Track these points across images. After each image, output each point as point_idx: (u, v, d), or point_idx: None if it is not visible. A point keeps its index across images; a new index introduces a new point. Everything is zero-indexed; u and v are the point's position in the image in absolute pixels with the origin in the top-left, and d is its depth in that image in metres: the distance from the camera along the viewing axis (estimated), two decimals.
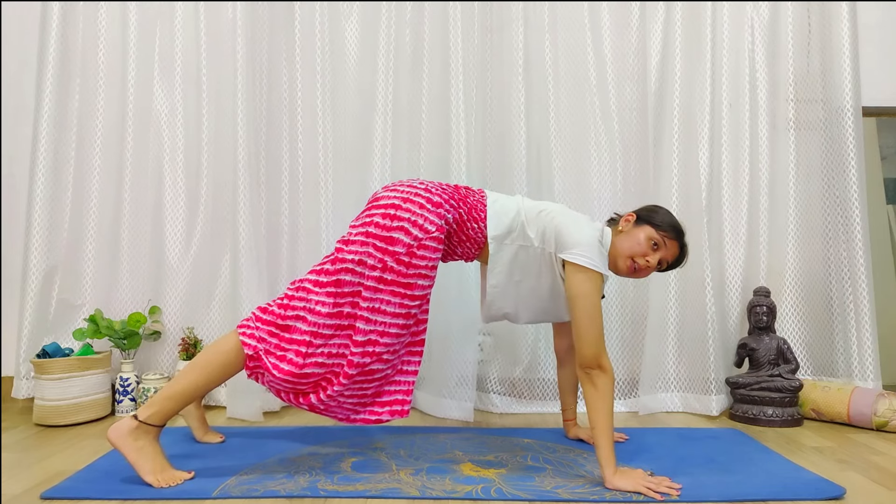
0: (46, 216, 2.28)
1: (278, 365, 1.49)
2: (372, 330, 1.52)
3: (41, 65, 2.30)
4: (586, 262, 1.54)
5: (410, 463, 1.65)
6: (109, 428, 1.48)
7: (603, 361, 1.51)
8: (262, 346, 1.50)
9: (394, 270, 1.51)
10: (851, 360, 2.26)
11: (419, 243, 1.54)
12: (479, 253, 1.72)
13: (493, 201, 1.70)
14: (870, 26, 2.43)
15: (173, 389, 1.50)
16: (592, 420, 1.50)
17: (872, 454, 1.79)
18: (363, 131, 2.36)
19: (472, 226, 1.66)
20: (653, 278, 2.29)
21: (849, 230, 2.29)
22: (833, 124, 2.34)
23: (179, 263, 2.36)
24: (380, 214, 1.54)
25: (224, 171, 2.33)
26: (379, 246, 1.51)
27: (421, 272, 1.54)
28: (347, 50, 2.40)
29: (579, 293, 1.54)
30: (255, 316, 1.55)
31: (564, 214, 1.64)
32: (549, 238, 1.61)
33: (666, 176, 2.29)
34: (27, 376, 2.24)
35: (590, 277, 1.54)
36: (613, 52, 2.42)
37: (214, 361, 1.51)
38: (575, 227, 1.60)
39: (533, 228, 1.63)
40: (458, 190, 1.70)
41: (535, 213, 1.65)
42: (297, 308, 1.52)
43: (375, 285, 1.51)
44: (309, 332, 1.50)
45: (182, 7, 2.40)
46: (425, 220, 1.55)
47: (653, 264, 1.66)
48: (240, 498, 1.41)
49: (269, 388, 1.56)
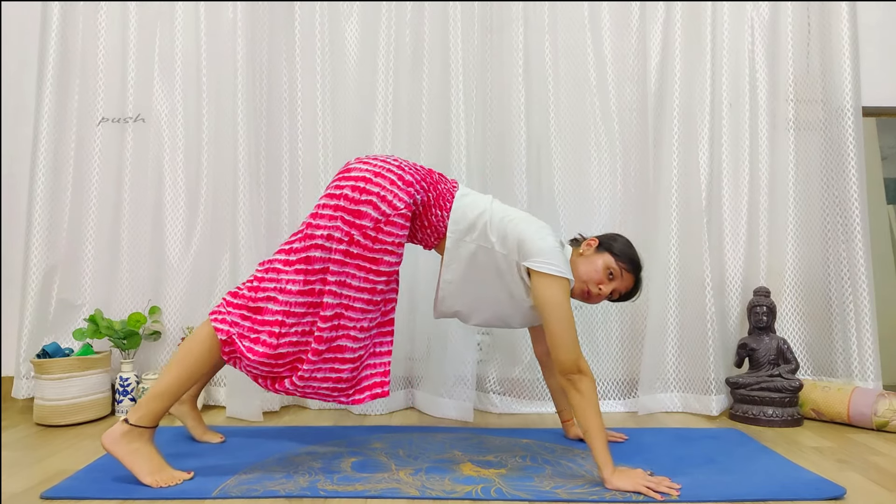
0: (46, 216, 2.28)
1: (252, 348, 1.49)
2: (339, 304, 1.52)
3: (41, 65, 2.30)
4: (552, 269, 1.54)
5: (410, 463, 1.65)
6: (102, 435, 1.48)
7: (582, 365, 1.51)
8: (234, 329, 1.50)
9: (360, 244, 1.51)
10: (851, 360, 2.26)
11: (387, 219, 1.53)
12: (438, 243, 1.71)
13: (463, 195, 1.69)
14: (870, 26, 2.43)
15: (158, 388, 1.50)
16: (583, 425, 1.50)
17: (872, 454, 1.79)
18: (363, 131, 2.36)
19: (436, 212, 1.65)
20: (653, 278, 2.29)
21: (849, 230, 2.29)
22: (833, 124, 2.34)
23: (179, 263, 2.36)
24: (349, 187, 1.54)
25: (224, 171, 2.33)
26: (346, 219, 1.51)
27: (387, 248, 1.54)
28: (347, 50, 2.40)
29: (548, 301, 1.54)
30: (225, 301, 1.55)
31: (527, 222, 1.63)
32: (512, 245, 1.60)
33: (666, 176, 2.29)
34: (27, 376, 2.24)
35: (557, 284, 1.54)
36: (613, 53, 2.42)
37: (192, 353, 1.52)
38: (538, 235, 1.59)
39: (495, 233, 1.62)
40: (431, 174, 1.69)
41: (499, 217, 1.63)
42: (267, 289, 1.52)
43: (342, 259, 1.51)
44: (281, 311, 1.50)
45: (182, 7, 2.40)
46: (395, 197, 1.55)
47: (605, 293, 1.68)
48: (239, 498, 1.41)
49: (247, 373, 1.55)
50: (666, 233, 2.28)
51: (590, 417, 1.49)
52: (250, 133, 2.26)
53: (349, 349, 1.55)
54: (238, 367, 1.55)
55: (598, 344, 2.37)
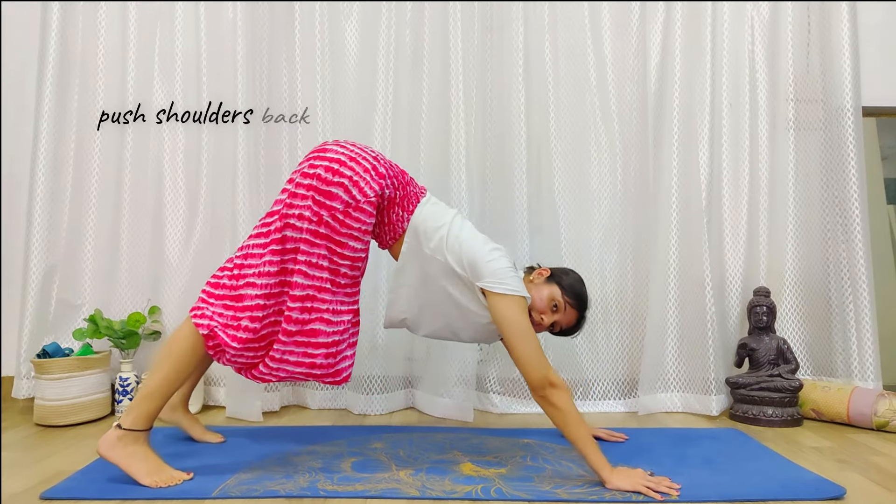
0: (46, 216, 2.28)
1: (235, 335, 1.49)
2: (310, 285, 1.52)
3: (41, 65, 2.30)
4: (505, 289, 1.55)
5: (410, 463, 1.65)
6: (98, 442, 1.49)
7: (552, 378, 1.50)
8: (214, 322, 1.50)
9: (329, 226, 1.52)
10: (851, 360, 2.26)
11: (356, 205, 1.54)
12: (393, 244, 1.70)
13: (428, 202, 1.69)
14: (870, 26, 2.43)
15: (146, 389, 1.50)
16: (569, 437, 1.49)
17: (872, 454, 1.79)
18: (363, 131, 2.36)
19: (398, 211, 1.65)
20: (653, 278, 2.29)
21: (849, 230, 2.29)
22: (833, 124, 2.33)
23: (179, 263, 2.36)
24: (323, 167, 1.54)
25: (224, 171, 2.34)
26: (317, 199, 1.52)
27: (353, 234, 1.55)
28: (347, 50, 2.40)
29: (505, 319, 1.54)
30: (206, 293, 1.55)
31: (482, 243, 1.62)
32: (465, 265, 1.59)
33: (666, 176, 2.29)
34: (27, 376, 2.24)
35: (513, 302, 1.55)
36: (613, 53, 2.41)
37: (175, 351, 1.52)
38: (490, 256, 1.59)
39: (450, 249, 1.61)
40: (403, 174, 1.70)
41: (455, 235, 1.62)
42: (246, 276, 1.53)
43: (311, 239, 1.52)
44: (261, 295, 1.50)
45: (182, 7, 2.40)
46: (366, 184, 1.55)
47: (546, 324, 1.69)
48: (239, 498, 1.41)
49: (231, 365, 1.55)
50: (666, 233, 2.28)
51: (573, 429, 1.48)
52: (250, 133, 2.26)
53: (323, 332, 1.55)
54: (222, 362, 1.55)
55: (598, 344, 2.37)
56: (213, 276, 1.59)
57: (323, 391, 2.32)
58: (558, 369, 2.32)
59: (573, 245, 2.38)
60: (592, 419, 2.18)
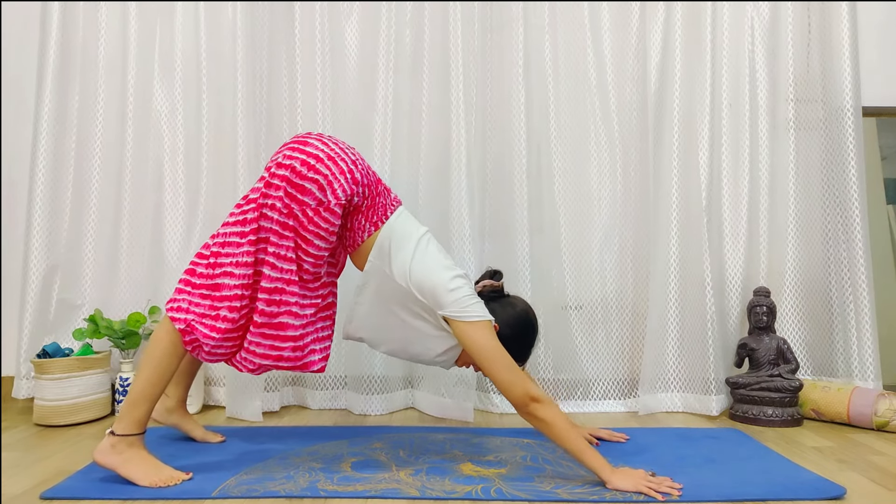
0: (46, 216, 2.28)
1: (214, 325, 1.49)
2: (279, 278, 1.52)
3: (41, 65, 2.30)
4: (469, 316, 1.53)
5: (410, 463, 1.65)
6: (94, 451, 1.48)
7: (533, 392, 1.47)
8: (191, 315, 1.50)
9: (298, 220, 1.52)
10: (851, 360, 2.26)
11: (326, 206, 1.53)
12: (352, 252, 1.68)
13: (398, 216, 1.66)
14: (870, 26, 2.43)
15: (133, 394, 1.49)
16: (563, 448, 1.48)
17: (872, 454, 1.79)
18: (363, 131, 2.36)
19: (360, 220, 1.63)
20: (653, 278, 2.29)
21: (849, 230, 2.29)
22: (833, 124, 2.34)
23: (179, 263, 2.36)
24: (300, 160, 1.52)
25: (224, 171, 2.34)
26: (289, 191, 1.51)
27: (320, 233, 1.54)
28: (347, 50, 2.40)
29: (475, 346, 1.52)
30: (183, 282, 1.54)
31: (444, 269, 1.58)
32: (427, 294, 1.56)
33: (666, 176, 2.29)
34: (27, 376, 2.24)
35: (479, 327, 1.52)
36: (613, 53, 2.41)
37: (155, 353, 1.51)
38: (452, 284, 1.55)
39: (413, 279, 1.57)
40: (378, 184, 1.67)
41: (419, 260, 1.58)
42: (223, 265, 1.52)
43: (280, 231, 1.51)
44: (239, 285, 1.50)
45: (182, 7, 2.40)
46: (339, 187, 1.54)
47: None
48: (240, 498, 1.41)
49: (210, 358, 1.53)
50: (666, 233, 2.28)
51: (565, 441, 1.47)
52: (250, 133, 2.26)
53: (291, 326, 1.55)
54: (201, 357, 1.54)
55: (598, 344, 2.37)
56: (191, 262, 1.57)
57: (323, 391, 2.32)
58: (558, 369, 2.34)
59: (573, 245, 2.38)
60: (593, 419, 2.18)
